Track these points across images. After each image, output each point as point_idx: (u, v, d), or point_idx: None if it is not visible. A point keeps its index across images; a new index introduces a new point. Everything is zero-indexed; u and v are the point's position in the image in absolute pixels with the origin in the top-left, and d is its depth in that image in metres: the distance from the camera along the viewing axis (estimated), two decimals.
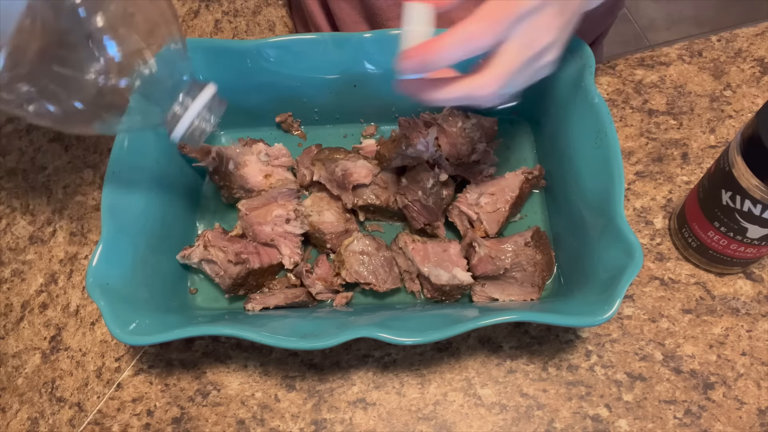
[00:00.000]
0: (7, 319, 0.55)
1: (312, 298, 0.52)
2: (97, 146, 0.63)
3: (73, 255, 0.57)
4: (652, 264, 0.52)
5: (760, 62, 0.61)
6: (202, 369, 0.51)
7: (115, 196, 0.47)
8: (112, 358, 0.52)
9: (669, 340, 0.49)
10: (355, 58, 0.52)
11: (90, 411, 0.50)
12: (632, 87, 0.61)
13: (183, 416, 0.49)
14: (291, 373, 0.50)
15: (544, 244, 0.51)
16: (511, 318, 0.41)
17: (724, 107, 0.59)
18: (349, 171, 0.53)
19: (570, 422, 0.47)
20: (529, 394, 0.48)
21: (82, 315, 0.54)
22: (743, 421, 0.46)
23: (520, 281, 0.50)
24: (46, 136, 0.64)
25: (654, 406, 0.47)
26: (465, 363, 0.49)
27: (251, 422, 0.48)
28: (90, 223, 0.58)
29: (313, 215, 0.54)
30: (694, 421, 0.46)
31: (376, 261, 0.51)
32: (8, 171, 0.63)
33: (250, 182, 0.54)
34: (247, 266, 0.50)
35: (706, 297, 0.51)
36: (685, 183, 0.55)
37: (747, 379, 0.47)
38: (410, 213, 0.52)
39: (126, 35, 0.32)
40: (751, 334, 0.49)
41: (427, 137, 0.53)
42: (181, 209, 0.55)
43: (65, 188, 0.61)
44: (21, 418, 0.50)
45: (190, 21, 0.69)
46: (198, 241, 0.51)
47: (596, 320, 0.40)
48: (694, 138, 0.58)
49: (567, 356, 0.49)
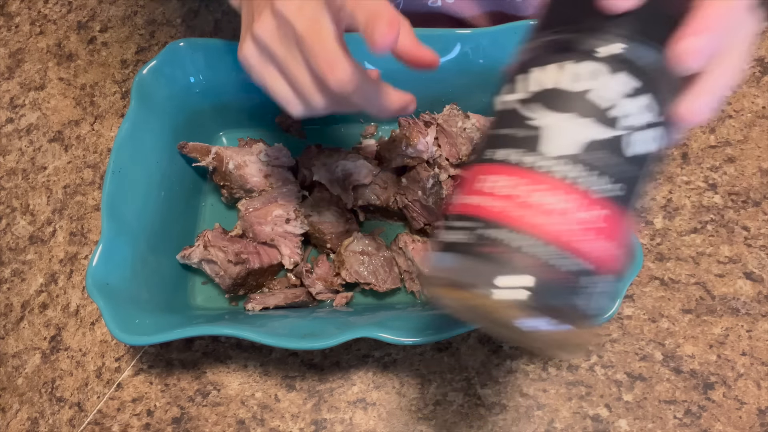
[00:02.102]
0: (7, 319, 0.55)
1: (312, 298, 0.52)
2: (97, 146, 0.63)
3: (73, 255, 0.57)
4: (652, 264, 0.52)
5: (760, 62, 0.61)
6: (202, 369, 0.51)
7: (115, 196, 0.47)
8: (112, 358, 0.52)
9: (669, 340, 0.49)
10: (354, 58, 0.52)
11: (90, 411, 0.50)
12: None
13: (183, 416, 0.49)
14: (291, 373, 0.50)
15: None
16: None
17: (724, 107, 0.59)
18: (349, 171, 0.53)
19: (570, 422, 0.47)
20: (529, 394, 0.48)
21: (82, 315, 0.54)
22: (743, 421, 0.46)
23: None
24: (46, 136, 0.64)
25: (654, 406, 0.47)
26: (465, 363, 0.49)
27: (251, 422, 0.48)
28: (90, 223, 0.58)
29: (313, 215, 0.54)
30: (694, 421, 0.46)
31: (376, 261, 0.51)
32: (8, 171, 0.63)
33: (250, 182, 0.54)
34: (247, 266, 0.50)
35: (706, 297, 0.51)
36: (685, 183, 0.55)
37: (747, 379, 0.47)
38: (410, 213, 0.52)
39: None
40: (751, 334, 0.49)
41: (427, 137, 0.53)
42: (181, 209, 0.55)
43: (65, 188, 0.61)
44: (21, 418, 0.50)
45: (190, 21, 0.69)
46: (198, 241, 0.51)
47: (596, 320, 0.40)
48: (694, 138, 0.58)
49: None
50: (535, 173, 0.26)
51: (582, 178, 0.26)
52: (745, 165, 0.56)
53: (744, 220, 0.53)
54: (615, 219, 0.26)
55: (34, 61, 0.69)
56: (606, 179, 0.26)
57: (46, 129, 0.65)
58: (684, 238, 0.53)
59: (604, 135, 0.26)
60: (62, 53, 0.69)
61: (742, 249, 0.52)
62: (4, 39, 0.71)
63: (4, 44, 0.71)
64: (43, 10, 0.73)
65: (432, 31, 0.52)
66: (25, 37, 0.71)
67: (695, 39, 0.25)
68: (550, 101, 0.27)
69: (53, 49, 0.70)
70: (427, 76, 0.44)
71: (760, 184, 0.55)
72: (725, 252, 0.52)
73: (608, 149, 0.26)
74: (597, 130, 0.26)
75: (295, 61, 0.36)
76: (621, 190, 0.26)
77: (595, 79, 0.27)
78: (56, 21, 0.72)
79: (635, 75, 0.27)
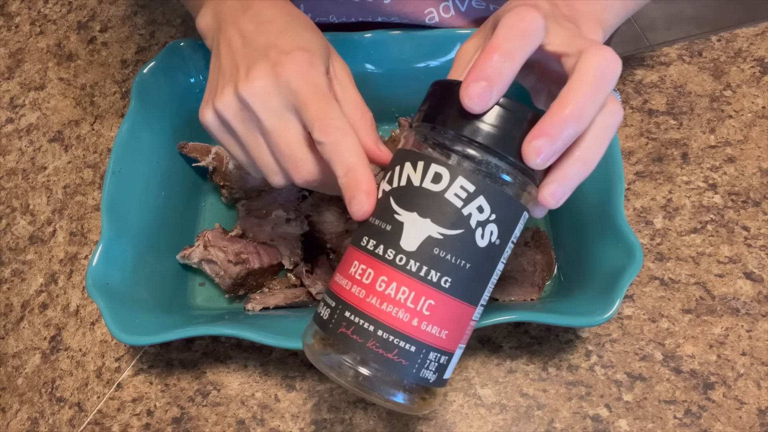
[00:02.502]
0: (7, 319, 0.55)
1: (312, 298, 0.52)
2: (97, 146, 0.63)
3: (73, 255, 0.57)
4: (652, 264, 0.52)
5: (760, 62, 0.61)
6: (202, 369, 0.51)
7: (115, 196, 0.47)
8: (112, 358, 0.52)
9: (669, 340, 0.49)
10: (354, 58, 0.52)
11: (90, 411, 0.50)
12: (632, 87, 0.61)
13: (183, 416, 0.49)
14: (291, 373, 0.50)
15: (544, 244, 0.51)
16: (511, 318, 0.41)
17: (724, 107, 0.59)
18: None
19: (570, 422, 0.47)
20: (529, 394, 0.48)
21: (82, 315, 0.54)
22: (743, 421, 0.46)
23: (520, 281, 0.50)
24: (46, 136, 0.64)
25: (654, 406, 0.47)
26: (465, 363, 0.49)
27: (251, 422, 0.48)
28: (90, 223, 0.58)
29: (313, 215, 0.54)
30: (694, 421, 0.46)
31: None
32: (8, 171, 0.63)
33: (250, 182, 0.54)
34: (247, 266, 0.50)
35: (706, 297, 0.51)
36: (685, 183, 0.55)
37: (747, 379, 0.47)
38: None
39: None
40: (751, 334, 0.49)
41: None
42: (181, 209, 0.55)
43: (65, 188, 0.61)
44: (21, 418, 0.50)
45: (190, 21, 0.69)
46: (198, 241, 0.51)
47: (596, 320, 0.40)
48: (694, 138, 0.58)
49: (567, 356, 0.49)
50: (388, 267, 0.29)
51: (427, 273, 0.29)
52: (745, 165, 0.56)
53: (744, 220, 0.53)
54: (451, 307, 0.30)
55: (34, 61, 0.69)
56: (448, 274, 0.29)
57: (46, 129, 0.65)
58: (684, 238, 0.53)
59: (451, 232, 0.29)
60: (62, 53, 0.69)
61: (742, 249, 0.52)
62: (4, 39, 0.71)
63: (4, 44, 0.71)
64: (43, 10, 0.73)
65: (432, 31, 0.52)
66: (25, 37, 0.71)
67: (537, 141, 0.28)
68: (408, 198, 0.30)
69: (53, 49, 0.70)
70: (428, 76, 0.44)
71: (760, 184, 0.55)
72: (725, 252, 0.52)
73: (454, 245, 0.29)
74: (443, 230, 0.29)
75: (257, 144, 0.37)
76: (459, 281, 0.30)
77: (443, 182, 0.29)
78: (56, 21, 0.72)
79: (476, 179, 0.29)
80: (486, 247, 0.30)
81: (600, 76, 0.28)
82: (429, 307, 0.29)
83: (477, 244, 0.29)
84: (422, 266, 0.29)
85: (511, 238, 0.31)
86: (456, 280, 0.30)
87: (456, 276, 0.29)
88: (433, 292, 0.29)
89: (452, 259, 0.29)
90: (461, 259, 0.29)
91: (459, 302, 0.30)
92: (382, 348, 0.29)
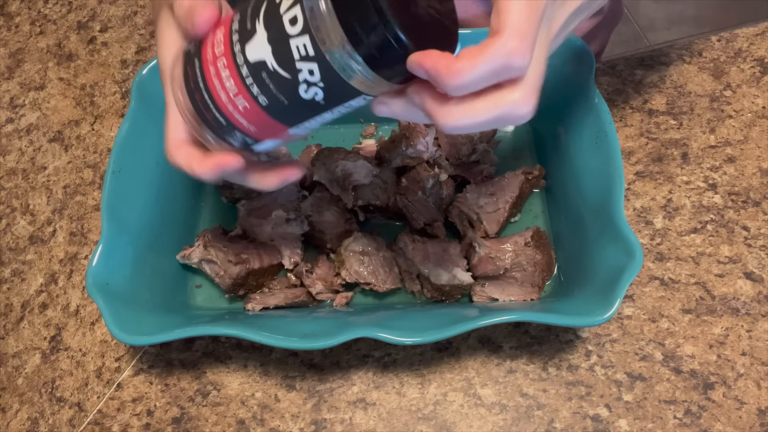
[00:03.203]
0: (7, 319, 0.55)
1: (312, 298, 0.52)
2: (97, 146, 0.63)
3: (73, 255, 0.57)
4: (652, 264, 0.52)
5: (760, 62, 0.61)
6: (202, 369, 0.51)
7: (115, 196, 0.47)
8: (112, 358, 0.52)
9: (669, 340, 0.49)
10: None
11: (90, 411, 0.50)
12: (632, 87, 0.61)
13: (183, 416, 0.49)
14: (291, 373, 0.50)
15: (544, 244, 0.51)
16: (511, 318, 0.41)
17: (724, 107, 0.59)
18: (349, 171, 0.53)
19: (570, 422, 0.47)
20: (529, 394, 0.48)
21: (82, 315, 0.54)
22: (743, 421, 0.46)
23: (520, 281, 0.50)
24: (46, 136, 0.64)
25: (654, 406, 0.47)
26: (465, 363, 0.49)
27: (251, 422, 0.48)
28: (90, 223, 0.58)
29: (313, 215, 0.54)
30: (694, 421, 0.46)
31: (376, 261, 0.51)
32: (8, 171, 0.63)
33: None
34: (247, 266, 0.50)
35: (706, 297, 0.51)
36: (685, 183, 0.55)
37: (747, 379, 0.47)
38: (410, 213, 0.52)
39: None
40: (751, 334, 0.49)
41: (427, 137, 0.53)
42: (181, 209, 0.55)
43: (65, 188, 0.61)
44: (21, 418, 0.50)
45: None
46: (198, 241, 0.51)
47: (596, 320, 0.40)
48: (694, 138, 0.58)
49: (567, 356, 0.49)
50: (231, 57, 0.32)
51: (251, 85, 0.32)
52: (745, 165, 0.56)
53: (744, 220, 0.53)
54: (262, 117, 0.33)
55: (34, 61, 0.69)
56: (267, 96, 0.32)
57: (46, 129, 0.65)
58: (684, 238, 0.53)
59: (280, 72, 0.30)
60: (62, 53, 0.69)
61: (742, 249, 0.52)
62: (4, 39, 0.71)
63: (4, 44, 0.71)
64: (43, 10, 0.73)
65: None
66: (25, 37, 0.71)
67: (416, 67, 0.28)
68: (271, 17, 0.30)
69: (53, 49, 0.70)
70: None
71: (760, 184, 0.55)
72: (725, 252, 0.52)
73: (279, 82, 0.31)
74: (275, 65, 0.30)
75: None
76: (275, 107, 0.32)
77: (295, 28, 0.29)
78: (56, 21, 0.72)
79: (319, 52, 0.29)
80: (308, 100, 0.31)
81: (502, 66, 0.28)
82: (243, 107, 0.33)
83: (299, 94, 0.31)
84: (250, 76, 0.31)
85: (339, 106, 0.32)
86: (272, 105, 0.32)
87: (273, 102, 0.32)
88: (250, 100, 0.32)
89: (274, 90, 0.31)
90: (281, 95, 0.31)
91: (270, 118, 0.33)
92: (202, 105, 0.34)
